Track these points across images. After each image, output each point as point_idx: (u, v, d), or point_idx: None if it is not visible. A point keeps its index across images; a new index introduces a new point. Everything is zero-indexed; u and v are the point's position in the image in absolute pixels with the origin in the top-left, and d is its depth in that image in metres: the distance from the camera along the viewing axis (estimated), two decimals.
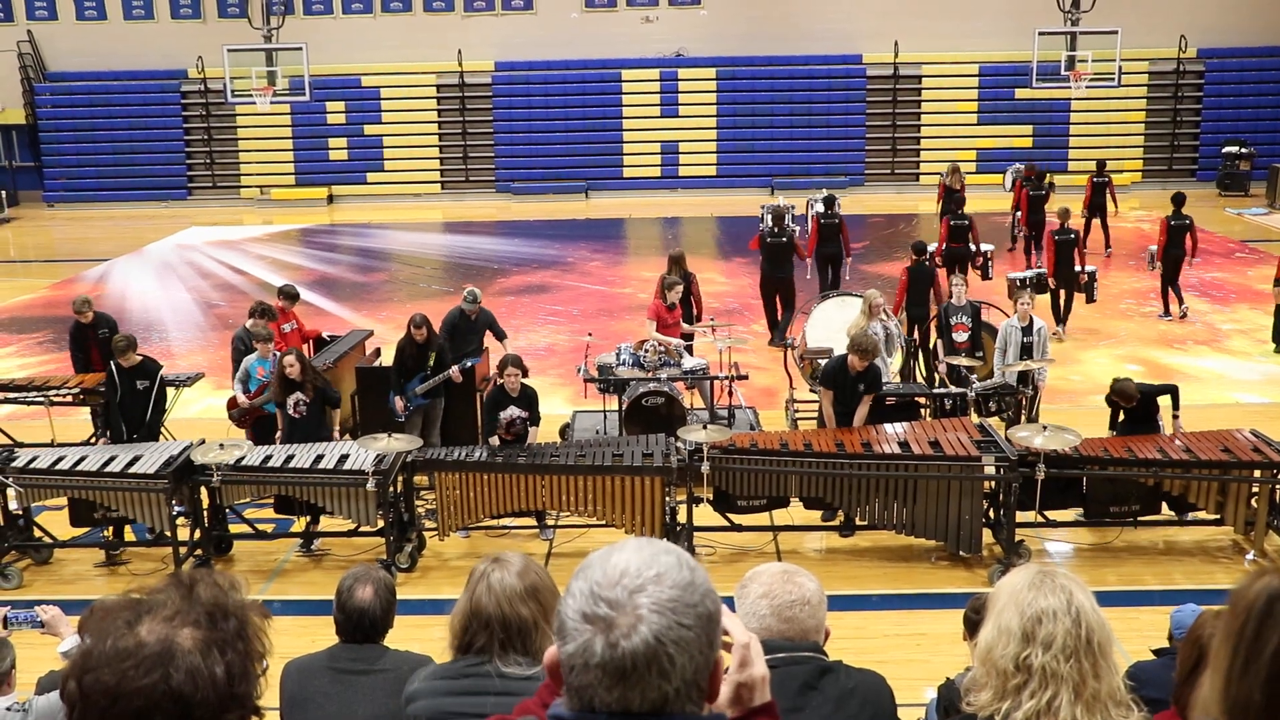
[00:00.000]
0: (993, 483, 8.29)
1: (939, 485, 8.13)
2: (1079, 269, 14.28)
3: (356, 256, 21.42)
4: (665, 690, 1.50)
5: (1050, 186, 18.56)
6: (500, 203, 27.03)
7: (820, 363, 10.33)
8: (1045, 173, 18.73)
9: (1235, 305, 15.88)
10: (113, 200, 27.32)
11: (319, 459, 8.40)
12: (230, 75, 24.40)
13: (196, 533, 8.47)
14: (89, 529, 8.68)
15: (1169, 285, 15.04)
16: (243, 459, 8.29)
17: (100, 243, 23.33)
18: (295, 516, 8.89)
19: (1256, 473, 8.28)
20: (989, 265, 15.69)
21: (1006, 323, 10.41)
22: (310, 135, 27.43)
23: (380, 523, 8.28)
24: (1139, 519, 8.51)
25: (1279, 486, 8.29)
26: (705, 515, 8.56)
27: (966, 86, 26.95)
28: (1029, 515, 8.31)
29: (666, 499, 8.28)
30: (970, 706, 2.47)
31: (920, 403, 10.00)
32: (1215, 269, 18.05)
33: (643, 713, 1.50)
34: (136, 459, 8.33)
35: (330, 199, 27.38)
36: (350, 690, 3.71)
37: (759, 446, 8.38)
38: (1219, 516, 8.37)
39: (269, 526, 9.18)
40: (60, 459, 8.44)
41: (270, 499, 8.76)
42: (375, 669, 3.75)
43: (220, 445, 8.39)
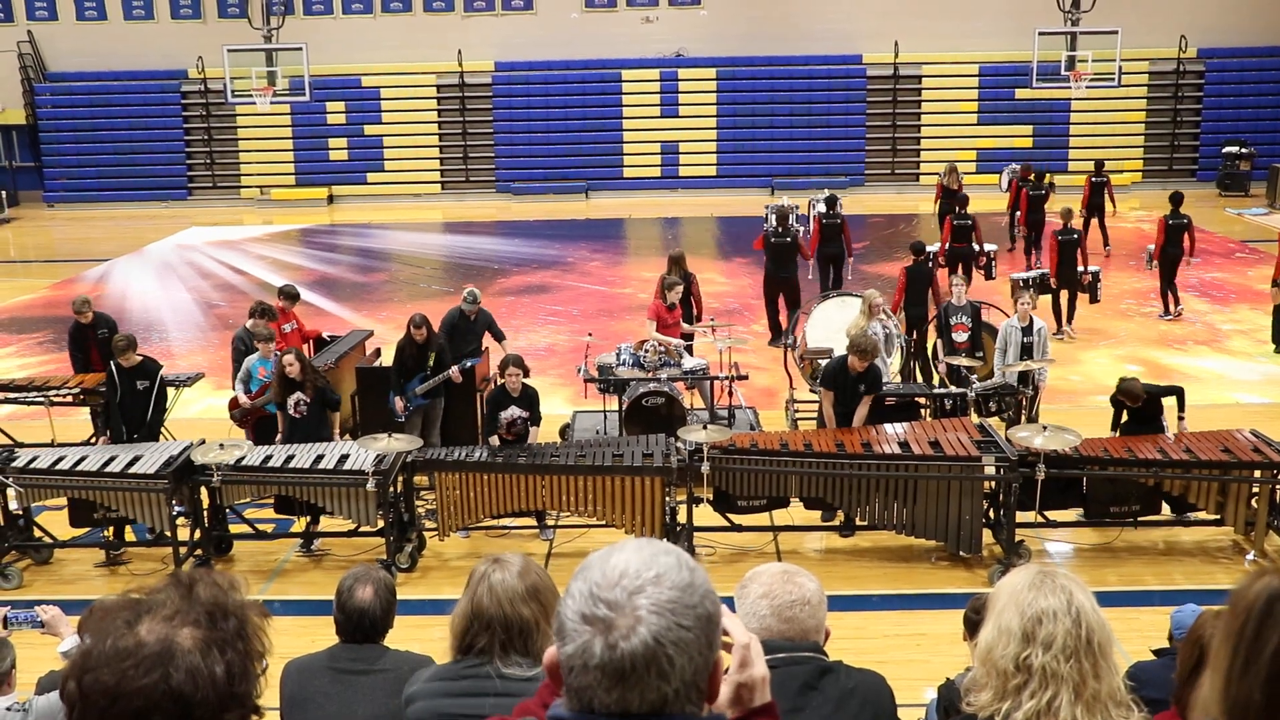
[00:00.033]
0: (993, 483, 8.30)
1: (939, 485, 8.13)
2: (1082, 269, 14.27)
3: (357, 257, 21.41)
4: (664, 691, 1.50)
5: (1050, 186, 18.56)
6: (500, 203, 27.03)
7: (820, 363, 10.33)
8: (1045, 172, 18.73)
9: (1235, 305, 15.88)
10: (113, 200, 27.33)
11: (319, 459, 8.40)
12: (230, 75, 24.40)
13: (196, 533, 8.48)
14: (89, 529, 8.68)
15: (1167, 284, 15.05)
16: (243, 459, 8.29)
17: (100, 243, 23.33)
18: (295, 516, 8.89)
19: (1257, 473, 8.28)
20: (992, 265, 15.69)
21: (1007, 323, 10.40)
22: (310, 135, 27.44)
23: (380, 523, 8.28)
24: (1139, 519, 8.51)
25: (1279, 487, 8.30)
26: (705, 515, 8.56)
27: (967, 86, 26.95)
28: (1029, 515, 8.30)
29: (666, 499, 8.27)
30: (970, 707, 2.47)
31: (920, 403, 10.00)
32: (1215, 269, 18.05)
33: (642, 714, 1.50)
34: (136, 459, 8.33)
35: (330, 199, 27.38)
36: (350, 690, 3.71)
37: (759, 447, 8.38)
38: (1219, 517, 8.37)
39: (269, 526, 9.18)
40: (60, 459, 8.44)
41: (270, 499, 8.77)
42: (375, 669, 3.74)
43: (220, 445, 8.39)
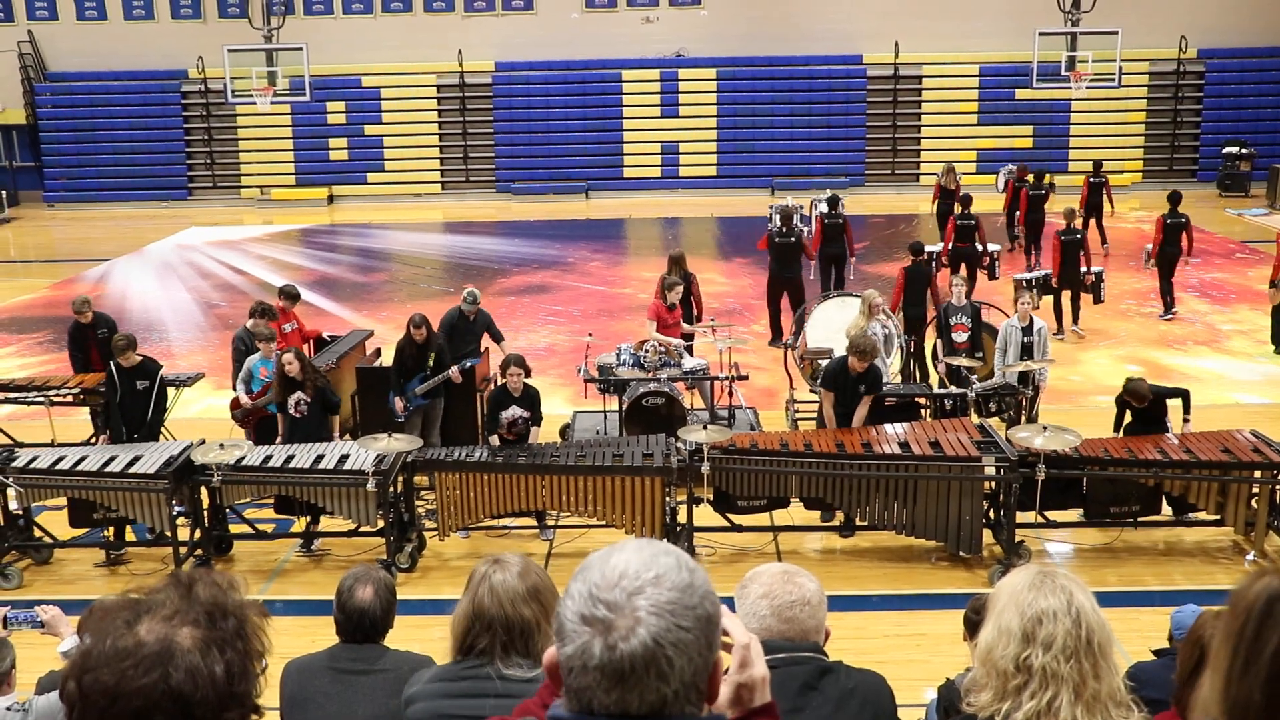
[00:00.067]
0: (993, 483, 8.30)
1: (939, 486, 8.13)
2: (1085, 269, 14.27)
3: (357, 257, 21.41)
4: (664, 692, 1.49)
5: (1050, 186, 18.56)
6: (500, 203, 27.03)
7: (820, 363, 10.33)
8: (1045, 172, 18.72)
9: (1235, 306, 15.88)
10: (113, 200, 27.32)
11: (319, 459, 8.40)
12: (230, 75, 24.39)
13: (197, 533, 8.48)
14: (88, 529, 8.68)
15: (1166, 284, 15.07)
16: (243, 459, 8.29)
17: (101, 243, 23.33)
18: (295, 516, 8.89)
19: (1257, 473, 8.28)
20: (996, 265, 15.70)
21: (1007, 323, 10.40)
22: (310, 135, 27.43)
23: (380, 523, 8.28)
24: (1139, 519, 8.51)
25: (1279, 487, 8.29)
26: (705, 516, 8.56)
27: (967, 87, 26.95)
28: (1029, 516, 8.30)
29: (667, 499, 8.27)
30: (970, 707, 2.47)
31: (920, 403, 10.00)
32: (1215, 269, 18.05)
33: (641, 714, 1.50)
34: (137, 459, 8.33)
35: (330, 199, 27.38)
36: (350, 690, 3.71)
37: (759, 447, 8.38)
38: (1219, 517, 8.38)
39: (269, 526, 9.18)
40: (60, 459, 8.44)
41: (270, 499, 8.77)
42: (375, 669, 3.74)
43: (220, 445, 8.38)
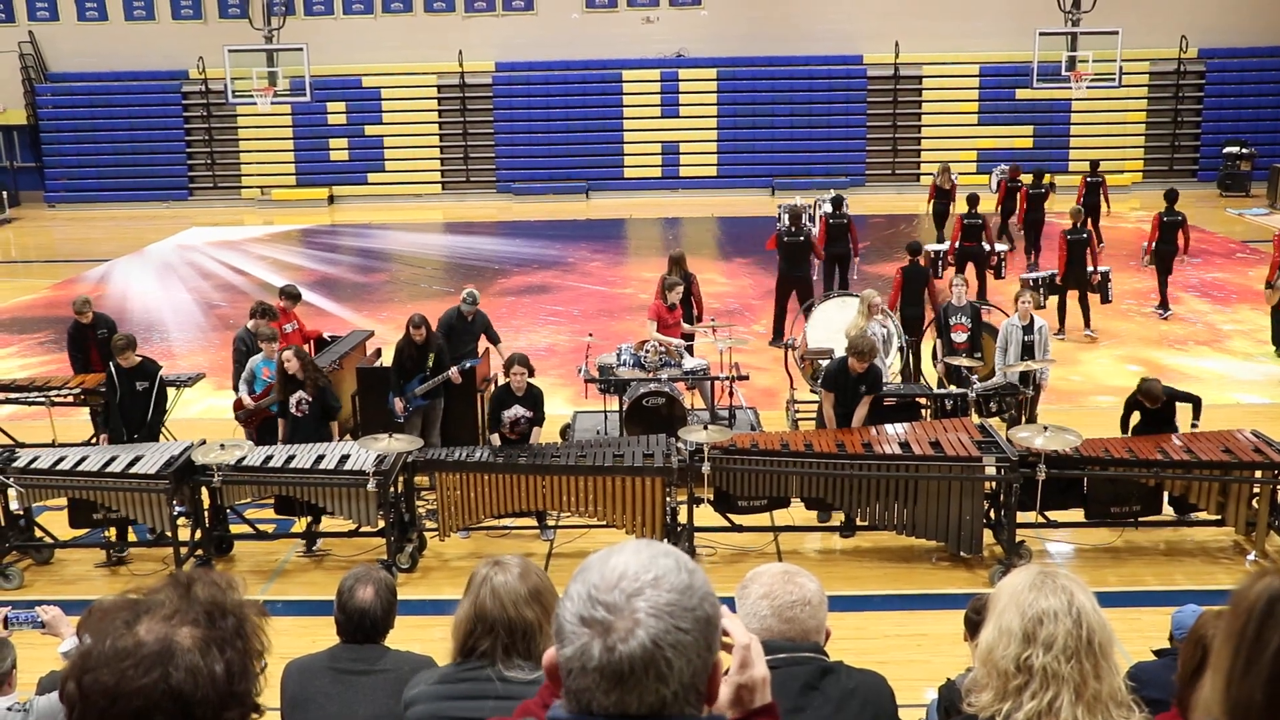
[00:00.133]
0: (993, 483, 8.29)
1: (940, 486, 8.13)
2: (1092, 269, 14.27)
3: (357, 257, 21.41)
4: (663, 694, 1.49)
5: (1050, 186, 18.55)
6: (501, 203, 27.03)
7: (821, 363, 10.33)
8: (1044, 171, 18.72)
9: (1236, 306, 15.88)
10: (114, 201, 27.32)
11: (320, 459, 8.40)
12: (231, 76, 24.39)
13: (197, 533, 8.48)
14: (89, 529, 8.68)
15: (1163, 281, 15.10)
16: (243, 459, 8.29)
17: (101, 243, 23.33)
18: (296, 517, 8.89)
19: (1258, 473, 8.28)
20: (1003, 264, 15.69)
21: (1008, 322, 10.39)
22: (311, 136, 27.42)
23: (381, 523, 8.28)
24: (1140, 520, 8.51)
25: None
26: (706, 516, 8.55)
27: (967, 87, 26.93)
28: (1030, 516, 8.30)
29: (667, 499, 8.27)
30: (971, 707, 2.47)
31: (921, 403, 10.00)
32: (1216, 269, 18.05)
33: (640, 716, 1.50)
34: (137, 459, 8.33)
35: (331, 199, 27.38)
36: (351, 690, 3.71)
37: (760, 447, 8.38)
38: (1220, 517, 8.38)
39: (270, 527, 9.18)
40: (61, 459, 8.44)
41: (271, 499, 8.77)
42: (376, 669, 3.74)
43: (221, 445, 8.38)
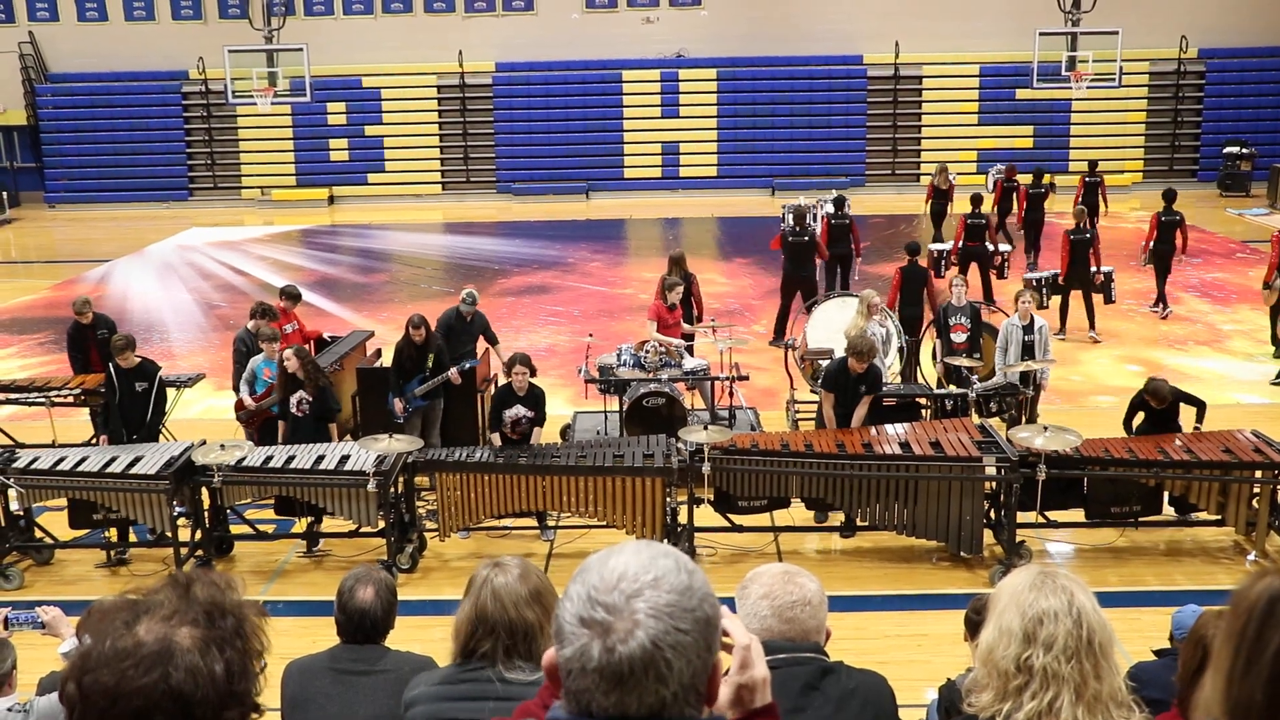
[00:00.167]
0: (994, 483, 8.29)
1: (940, 486, 8.13)
2: (1095, 269, 14.27)
3: (357, 257, 21.41)
4: (662, 695, 1.49)
5: (1050, 186, 18.55)
6: (501, 203, 27.03)
7: (821, 364, 10.33)
8: (1043, 171, 18.72)
9: (1236, 306, 15.88)
10: (114, 201, 27.33)
11: (320, 460, 8.40)
12: (231, 76, 24.38)
13: (197, 534, 8.48)
14: (89, 530, 8.68)
15: (1162, 280, 15.10)
16: (244, 460, 8.29)
17: (101, 243, 23.33)
18: (296, 517, 8.89)
19: (1258, 473, 8.28)
20: (1006, 264, 15.69)
21: (1008, 321, 10.39)
22: (311, 136, 27.43)
23: (381, 523, 8.27)
24: (1140, 520, 8.51)
25: None
26: (706, 516, 8.55)
27: (967, 87, 26.94)
28: (1030, 516, 8.30)
29: (667, 500, 8.27)
30: (971, 707, 2.47)
31: (921, 403, 10.00)
32: (1216, 269, 18.05)
33: (640, 716, 1.50)
34: (138, 460, 8.33)
35: (331, 200, 27.38)
36: (351, 691, 3.71)
37: (760, 447, 8.38)
38: (1220, 517, 8.37)
39: (270, 527, 9.17)
40: (61, 460, 8.44)
41: (271, 500, 8.77)
42: (376, 670, 3.74)
43: (221, 446, 8.38)
